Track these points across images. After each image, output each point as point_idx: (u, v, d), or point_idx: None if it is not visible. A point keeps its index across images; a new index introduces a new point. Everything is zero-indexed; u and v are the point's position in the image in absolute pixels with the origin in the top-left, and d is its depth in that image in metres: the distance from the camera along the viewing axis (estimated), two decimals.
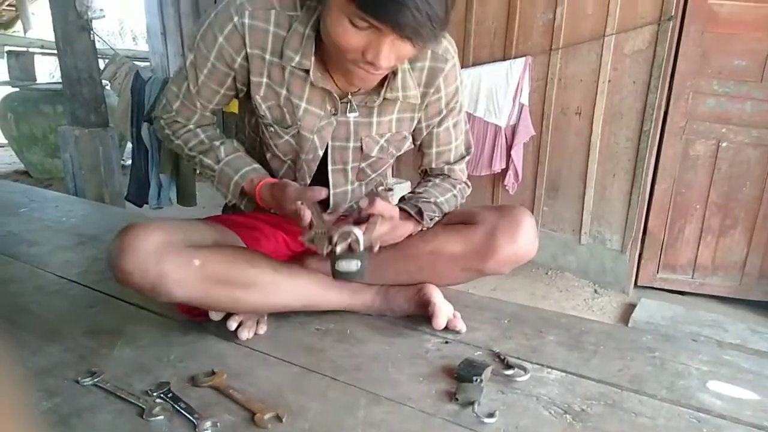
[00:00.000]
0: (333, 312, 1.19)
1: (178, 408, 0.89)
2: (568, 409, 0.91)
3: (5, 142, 5.29)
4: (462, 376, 0.97)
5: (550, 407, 0.91)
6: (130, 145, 3.87)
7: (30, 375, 0.98)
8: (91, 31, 3.16)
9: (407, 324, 1.17)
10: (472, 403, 0.90)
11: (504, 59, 3.01)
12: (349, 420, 0.87)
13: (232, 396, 0.92)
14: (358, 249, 0.93)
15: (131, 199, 3.49)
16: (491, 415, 0.87)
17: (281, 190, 0.99)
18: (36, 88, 4.92)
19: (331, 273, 0.95)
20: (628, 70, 2.73)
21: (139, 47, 10.00)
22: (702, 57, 2.64)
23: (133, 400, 0.91)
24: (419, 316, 1.18)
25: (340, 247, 0.92)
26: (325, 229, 0.94)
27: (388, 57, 0.86)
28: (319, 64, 1.01)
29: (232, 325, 1.09)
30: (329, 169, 1.13)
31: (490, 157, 3.10)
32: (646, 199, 2.87)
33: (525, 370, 1.00)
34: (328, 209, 1.18)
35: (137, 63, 3.82)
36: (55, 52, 3.44)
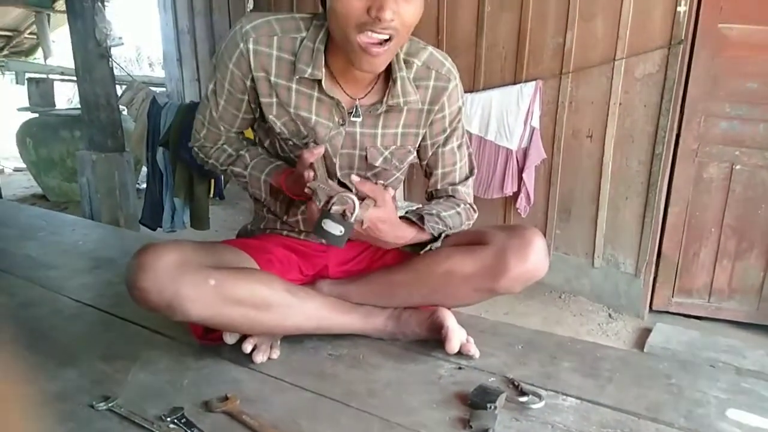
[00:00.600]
0: (345, 337, 1.19)
1: None
2: None
3: (24, 166, 5.39)
4: (476, 402, 0.96)
5: None
6: (145, 168, 3.93)
7: (46, 400, 0.99)
8: (110, 59, 3.24)
9: (420, 349, 1.17)
10: (486, 430, 0.89)
11: (515, 83, 3.03)
12: None
13: (245, 422, 0.92)
14: (349, 218, 0.97)
15: (145, 222, 3.53)
16: None
17: (298, 163, 1.04)
18: (55, 113, 5.02)
19: (314, 228, 0.98)
20: (639, 93, 2.74)
21: (156, 73, 10.21)
22: (713, 80, 2.65)
23: (146, 425, 0.91)
24: (432, 341, 1.17)
25: (335, 208, 0.97)
26: (329, 188, 0.99)
27: (390, 9, 0.91)
28: (329, 75, 1.08)
29: (247, 347, 1.10)
30: (338, 174, 1.16)
31: (501, 180, 3.10)
32: (660, 222, 2.84)
33: (540, 397, 0.99)
34: None
35: (154, 89, 3.90)
36: (74, 78, 3.53)
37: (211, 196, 3.39)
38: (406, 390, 1.03)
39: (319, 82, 1.06)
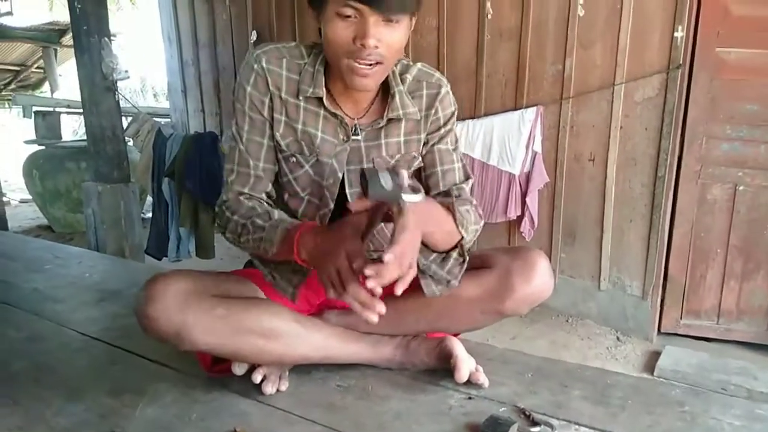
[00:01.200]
0: (353, 367, 1.18)
1: None
2: None
3: (30, 197, 5.43)
4: None
5: None
6: (150, 198, 3.96)
7: None
8: (116, 92, 3.29)
9: (429, 379, 1.16)
10: None
11: (515, 109, 3.06)
12: None
13: None
14: (406, 191, 0.88)
15: (151, 252, 3.54)
16: None
17: (337, 226, 0.98)
18: (61, 145, 5.08)
19: (364, 175, 0.91)
20: (639, 117, 2.76)
21: (160, 104, 10.35)
22: (712, 103, 2.67)
23: None
24: (441, 370, 1.16)
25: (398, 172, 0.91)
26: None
27: (374, 36, 0.97)
28: (330, 96, 1.13)
29: (257, 378, 1.10)
30: (347, 192, 1.17)
31: (505, 205, 3.11)
32: (666, 244, 2.83)
33: (552, 427, 0.98)
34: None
35: (158, 119, 3.95)
36: (80, 110, 3.58)
37: (216, 225, 3.40)
38: (416, 421, 1.02)
39: (322, 100, 1.11)
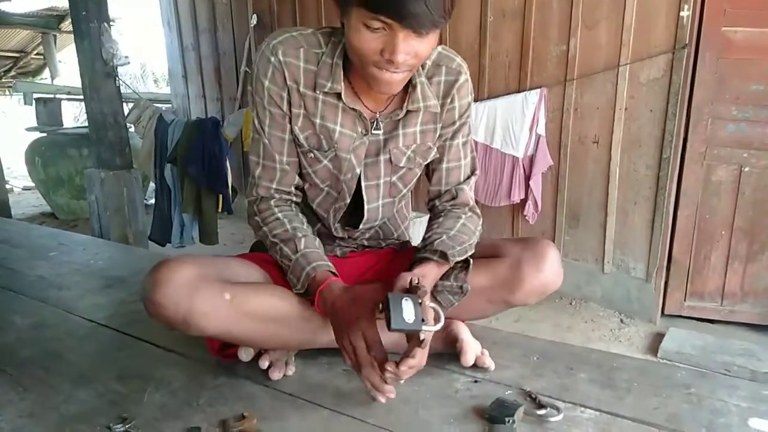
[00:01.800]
0: None
1: None
2: None
3: (32, 185, 5.44)
4: (494, 417, 0.95)
5: None
6: (152, 185, 3.95)
7: (63, 422, 0.99)
8: (117, 78, 3.27)
9: (435, 363, 1.16)
10: None
11: (519, 91, 3.04)
12: None
13: None
14: (428, 321, 0.91)
15: (154, 238, 3.55)
16: None
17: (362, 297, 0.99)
18: (63, 132, 5.06)
19: (389, 299, 0.91)
20: (644, 98, 2.73)
21: (161, 89, 10.30)
22: (719, 83, 2.64)
23: None
24: (447, 355, 1.17)
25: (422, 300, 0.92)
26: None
27: (403, 52, 0.92)
28: (349, 88, 1.09)
29: (263, 364, 1.10)
30: (363, 185, 1.16)
31: (508, 188, 3.10)
32: (670, 226, 2.83)
33: (558, 410, 0.98)
34: (361, 222, 1.20)
35: (159, 105, 3.93)
36: (81, 97, 3.56)
37: (220, 210, 3.40)
38: (423, 405, 1.03)
39: (340, 95, 1.08)
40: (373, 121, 1.12)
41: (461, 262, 1.11)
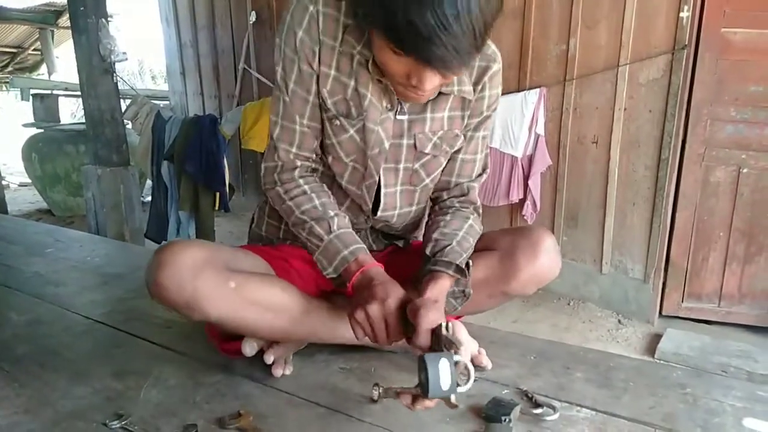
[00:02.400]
0: (356, 350, 1.18)
1: None
2: None
3: (29, 181, 5.42)
4: (490, 416, 0.95)
5: None
6: (149, 182, 3.94)
7: (59, 419, 0.99)
8: (114, 74, 3.26)
9: None
10: None
11: (518, 91, 3.04)
12: None
13: None
14: (462, 384, 0.84)
15: (151, 236, 3.54)
16: None
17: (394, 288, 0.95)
18: (60, 128, 5.05)
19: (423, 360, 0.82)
20: (643, 98, 2.73)
21: (159, 86, 10.28)
22: (718, 84, 2.64)
23: None
24: None
25: (458, 359, 0.83)
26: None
27: (431, 81, 0.89)
28: (375, 65, 1.00)
29: (269, 358, 1.09)
30: (381, 167, 1.10)
31: (507, 188, 3.10)
32: (668, 227, 2.83)
33: (554, 409, 0.98)
34: (378, 210, 1.15)
35: (157, 102, 3.92)
36: (79, 93, 3.55)
37: (216, 208, 3.40)
38: None
39: (368, 63, 1.00)
40: (400, 103, 1.06)
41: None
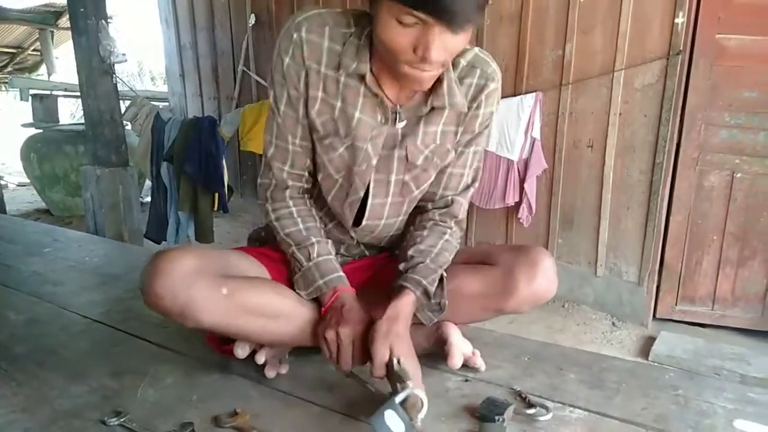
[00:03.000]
0: None
1: None
2: None
3: (27, 181, 5.42)
4: (484, 415, 0.97)
5: None
6: (148, 183, 3.95)
7: (57, 417, 1.00)
8: (114, 75, 3.27)
9: (427, 362, 1.17)
10: None
11: (515, 95, 3.06)
12: None
13: None
14: (415, 419, 0.87)
15: (150, 236, 3.55)
16: None
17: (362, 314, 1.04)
18: (59, 129, 5.05)
19: (373, 418, 0.87)
20: (638, 103, 2.76)
21: (158, 87, 10.28)
22: (712, 89, 2.67)
23: None
24: (438, 354, 1.18)
25: (409, 401, 0.89)
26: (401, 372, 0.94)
27: (437, 49, 0.89)
28: (373, 74, 1.04)
29: (260, 359, 1.11)
30: (372, 178, 1.12)
31: (503, 191, 3.12)
32: (662, 231, 2.85)
33: (547, 409, 1.00)
34: (362, 220, 1.17)
35: (156, 103, 3.93)
36: (78, 94, 3.56)
37: (215, 209, 3.41)
38: None
39: (364, 77, 1.03)
40: (394, 113, 1.08)
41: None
